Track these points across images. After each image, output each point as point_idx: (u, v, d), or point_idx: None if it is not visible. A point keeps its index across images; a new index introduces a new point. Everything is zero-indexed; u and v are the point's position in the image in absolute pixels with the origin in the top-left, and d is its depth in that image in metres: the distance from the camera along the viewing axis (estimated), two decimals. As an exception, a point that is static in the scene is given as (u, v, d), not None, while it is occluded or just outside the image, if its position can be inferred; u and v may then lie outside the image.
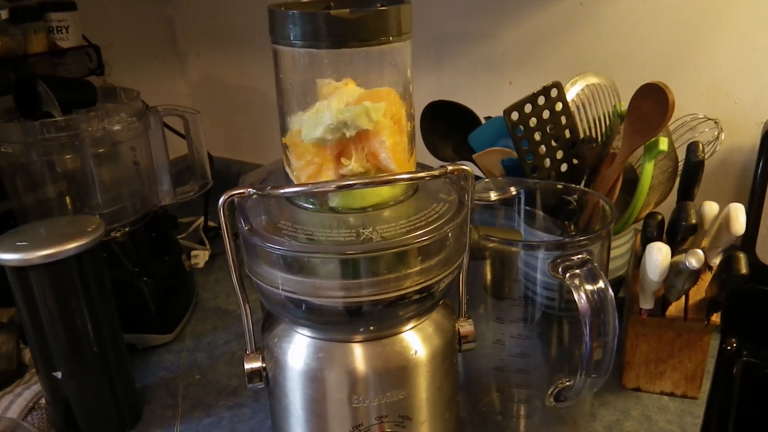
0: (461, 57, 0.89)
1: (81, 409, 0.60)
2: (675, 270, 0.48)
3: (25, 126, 0.66)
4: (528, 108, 0.62)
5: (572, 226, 0.66)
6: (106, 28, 1.01)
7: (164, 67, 1.17)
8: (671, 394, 0.64)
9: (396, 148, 0.41)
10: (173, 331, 0.76)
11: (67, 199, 0.74)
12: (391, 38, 0.39)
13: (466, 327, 0.49)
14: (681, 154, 0.67)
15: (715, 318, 0.58)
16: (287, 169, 0.43)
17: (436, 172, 0.41)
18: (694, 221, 0.49)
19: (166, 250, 0.79)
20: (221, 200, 0.41)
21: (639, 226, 0.67)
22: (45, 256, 0.54)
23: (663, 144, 0.61)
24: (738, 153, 0.75)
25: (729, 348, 0.73)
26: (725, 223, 0.52)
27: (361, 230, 0.39)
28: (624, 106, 0.70)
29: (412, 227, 0.40)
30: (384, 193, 0.42)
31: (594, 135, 0.69)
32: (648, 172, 0.62)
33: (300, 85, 0.41)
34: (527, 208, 0.65)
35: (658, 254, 0.48)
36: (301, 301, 0.41)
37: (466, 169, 0.43)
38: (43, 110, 0.69)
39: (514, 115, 0.61)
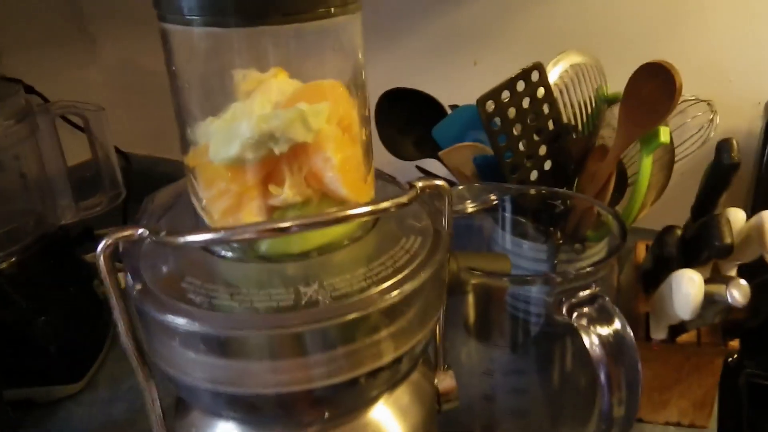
0: (417, 33, 0.77)
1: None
2: (707, 300, 0.39)
3: None
4: (505, 96, 0.50)
5: (558, 233, 0.56)
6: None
7: (71, 53, 1.01)
8: (678, 424, 0.55)
9: (347, 165, 0.29)
10: (82, 378, 0.62)
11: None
12: (332, 9, 0.27)
13: (446, 381, 0.39)
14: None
15: (734, 343, 0.49)
16: (194, 201, 0.31)
17: (404, 199, 0.29)
18: (729, 241, 0.39)
19: (71, 278, 0.66)
20: (100, 248, 0.29)
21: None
22: None
23: (664, 135, 0.51)
24: (734, 138, 0.66)
25: (730, 360, 0.65)
26: (756, 235, 0.42)
27: (303, 288, 0.27)
28: (609, 88, 0.60)
29: (376, 278, 0.29)
30: (333, 230, 0.30)
31: (578, 124, 0.59)
32: (646, 168, 0.52)
33: (203, 80, 0.29)
34: (507, 215, 0.55)
35: (690, 286, 0.38)
36: (222, 392, 0.29)
37: (440, 185, 0.32)
38: None
39: (489, 105, 0.50)
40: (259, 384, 0.28)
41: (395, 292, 0.28)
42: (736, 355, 0.64)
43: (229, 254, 0.30)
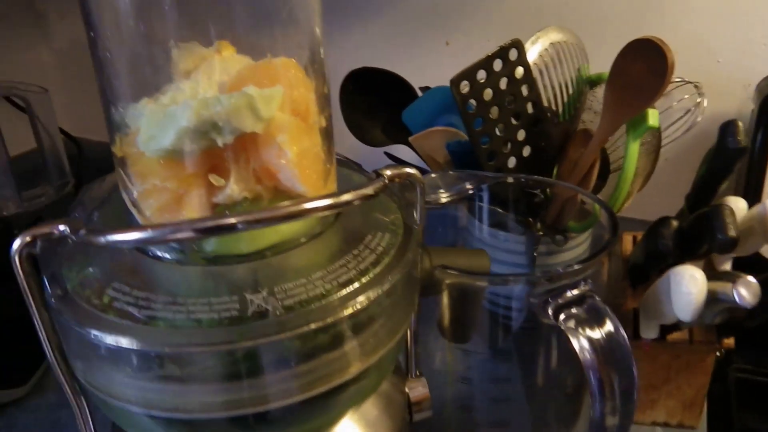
0: (385, 11, 0.72)
1: None
2: (709, 299, 0.35)
3: None
4: (481, 75, 0.47)
5: (538, 224, 0.52)
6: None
7: (19, 31, 0.94)
8: (665, 425, 0.53)
9: (304, 158, 0.25)
10: (27, 382, 0.58)
11: None
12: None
13: (417, 389, 0.35)
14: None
15: (729, 341, 0.46)
16: (124, 195, 0.27)
17: (369, 191, 0.25)
18: (734, 234, 0.36)
19: (14, 274, 0.60)
20: (15, 246, 0.25)
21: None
22: None
23: (653, 118, 0.48)
24: (720, 122, 0.63)
25: (718, 354, 0.62)
26: (760, 226, 0.39)
27: (251, 296, 0.23)
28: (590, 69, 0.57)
29: (337, 282, 0.25)
30: (288, 226, 0.26)
31: (558, 107, 0.55)
32: (633, 154, 0.49)
33: (131, 52, 0.25)
34: (483, 204, 0.51)
35: (692, 285, 0.34)
36: (159, 418, 0.25)
37: (412, 174, 0.28)
38: None
39: (464, 86, 0.46)
40: (200, 408, 0.24)
41: (360, 299, 0.24)
42: (723, 350, 0.62)
43: (167, 256, 0.26)
